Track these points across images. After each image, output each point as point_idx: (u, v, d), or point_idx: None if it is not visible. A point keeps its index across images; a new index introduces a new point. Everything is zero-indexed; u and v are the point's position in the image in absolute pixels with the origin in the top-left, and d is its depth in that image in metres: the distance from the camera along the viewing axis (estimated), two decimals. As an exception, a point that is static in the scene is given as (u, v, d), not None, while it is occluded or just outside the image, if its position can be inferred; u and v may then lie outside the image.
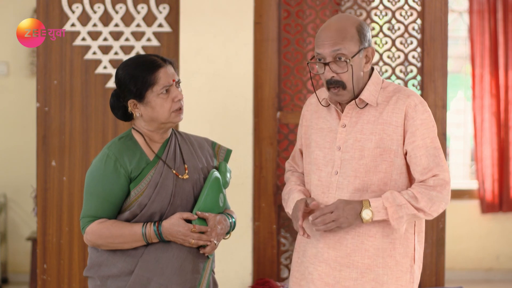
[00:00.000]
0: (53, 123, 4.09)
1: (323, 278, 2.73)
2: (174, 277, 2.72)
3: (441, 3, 4.03)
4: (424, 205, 2.64)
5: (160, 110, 2.72)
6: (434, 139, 2.69)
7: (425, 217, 2.69)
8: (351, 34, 2.64)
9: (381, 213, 2.62)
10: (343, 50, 2.63)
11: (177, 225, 2.70)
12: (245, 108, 3.94)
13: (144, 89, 2.71)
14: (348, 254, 2.70)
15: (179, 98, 2.74)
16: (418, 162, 2.67)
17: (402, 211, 2.62)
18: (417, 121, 2.67)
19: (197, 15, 3.92)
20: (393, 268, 2.70)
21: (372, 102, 2.70)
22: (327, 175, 2.74)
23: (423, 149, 2.67)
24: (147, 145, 2.78)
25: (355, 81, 2.67)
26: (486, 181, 6.68)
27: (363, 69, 2.69)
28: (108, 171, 2.71)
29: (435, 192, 2.65)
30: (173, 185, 2.75)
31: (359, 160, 2.69)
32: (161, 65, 2.73)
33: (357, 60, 2.66)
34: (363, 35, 2.66)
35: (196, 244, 2.72)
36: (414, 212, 2.63)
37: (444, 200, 2.68)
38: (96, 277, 2.78)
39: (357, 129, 2.71)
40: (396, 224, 2.64)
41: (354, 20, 2.68)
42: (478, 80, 6.67)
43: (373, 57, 2.70)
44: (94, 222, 2.73)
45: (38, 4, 4.09)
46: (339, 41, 2.63)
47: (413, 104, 2.68)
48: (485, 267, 6.77)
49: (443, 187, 2.68)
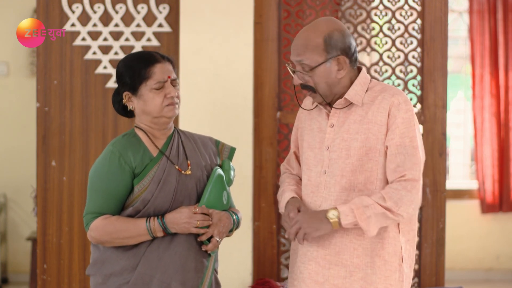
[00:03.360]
0: (53, 123, 4.09)
1: (313, 276, 2.75)
2: (176, 275, 2.72)
3: (441, 3, 4.03)
4: (391, 204, 2.63)
5: (151, 104, 2.74)
6: (413, 138, 2.69)
7: (396, 218, 2.66)
8: (314, 45, 2.68)
9: (349, 216, 2.64)
10: (305, 61, 2.69)
11: (179, 211, 2.72)
12: (245, 108, 3.94)
13: (138, 82, 2.74)
14: (337, 252, 2.73)
15: (172, 95, 2.74)
16: (393, 160, 2.68)
17: (369, 211, 2.63)
18: (399, 119, 2.68)
19: (197, 15, 3.92)
20: (381, 267, 2.72)
21: (357, 102, 2.73)
22: (317, 175, 2.77)
23: (401, 147, 2.67)
24: (150, 141, 2.79)
25: (325, 86, 2.71)
26: (486, 181, 6.68)
27: (336, 75, 2.71)
28: (112, 167, 2.72)
29: (404, 192, 2.64)
30: (176, 181, 2.76)
31: (346, 160, 2.71)
32: (158, 60, 2.75)
33: (321, 69, 2.69)
34: (331, 45, 2.68)
35: (202, 224, 2.72)
36: (382, 211, 2.63)
37: (414, 200, 2.66)
38: (98, 274, 2.78)
39: (344, 129, 2.74)
40: (365, 225, 2.64)
41: (324, 30, 2.70)
42: (478, 80, 6.67)
43: (346, 64, 2.71)
44: (98, 218, 2.73)
45: (38, 4, 4.09)
46: (301, 51, 2.70)
47: (397, 102, 2.69)
48: (485, 267, 6.77)
49: (413, 186, 2.66)
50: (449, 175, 6.88)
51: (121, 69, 2.79)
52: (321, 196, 2.74)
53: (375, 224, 2.65)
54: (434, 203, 4.02)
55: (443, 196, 4.01)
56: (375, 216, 2.63)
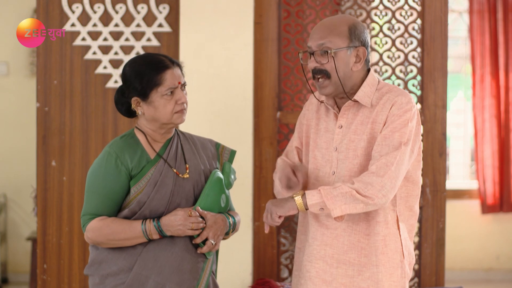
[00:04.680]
0: (53, 123, 4.09)
1: (321, 275, 2.76)
2: (172, 276, 2.72)
3: (441, 3, 4.03)
4: (359, 186, 2.61)
5: (162, 111, 2.73)
6: (403, 135, 2.67)
7: (365, 200, 2.61)
8: (340, 30, 2.70)
9: (315, 197, 2.62)
10: (328, 44, 2.69)
11: (174, 214, 2.72)
12: (245, 108, 3.94)
13: (148, 88, 2.72)
14: (345, 251, 2.74)
15: (182, 101, 2.74)
16: (376, 149, 2.67)
17: (336, 191, 2.61)
18: (395, 116, 2.69)
19: (197, 15, 3.92)
20: (386, 264, 2.73)
21: (366, 103, 2.73)
22: (325, 175, 2.78)
23: (387, 139, 2.66)
24: (148, 143, 2.79)
25: (340, 74, 2.70)
26: (486, 181, 6.68)
27: (352, 67, 2.72)
28: (109, 168, 2.72)
29: (375, 176, 2.62)
30: (172, 184, 2.75)
31: (353, 160, 2.72)
32: (169, 66, 2.73)
33: (342, 55, 2.69)
34: (355, 34, 2.70)
35: (197, 227, 2.72)
36: (349, 190, 2.60)
37: (385, 186, 2.62)
38: (95, 274, 2.78)
39: (351, 130, 2.74)
40: (331, 204, 2.60)
41: (349, 20, 2.73)
42: (479, 80, 6.67)
43: (364, 57, 2.72)
44: (95, 220, 2.74)
45: (38, 4, 4.09)
46: (325, 35, 2.70)
47: (399, 102, 2.70)
48: (485, 267, 6.77)
49: (385, 171, 2.62)
50: (449, 175, 6.88)
51: (130, 74, 2.75)
52: None
53: (342, 205, 2.61)
54: (434, 203, 4.02)
55: (443, 196, 4.01)
56: (342, 195, 2.61)
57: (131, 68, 2.76)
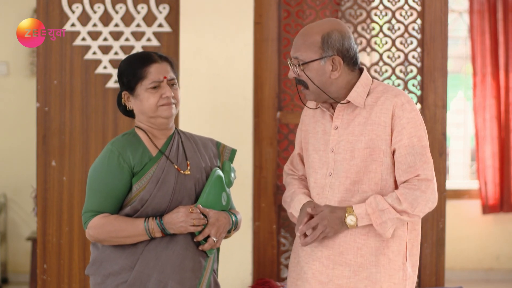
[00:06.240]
0: (53, 123, 4.09)
1: (317, 276, 2.76)
2: (173, 275, 2.72)
3: (441, 3, 4.03)
4: (407, 206, 2.66)
5: (146, 104, 2.75)
6: (421, 137, 2.72)
7: (411, 219, 2.70)
8: (311, 41, 2.71)
9: (364, 219, 2.68)
10: (300, 56, 2.73)
11: (176, 211, 2.72)
12: (245, 108, 3.94)
13: (133, 82, 2.76)
14: (341, 252, 2.73)
15: (167, 95, 2.75)
16: (403, 161, 2.70)
17: (385, 216, 2.66)
18: (404, 120, 2.70)
19: (197, 15, 3.92)
20: (385, 266, 2.73)
21: (359, 104, 2.74)
22: (322, 177, 2.78)
23: (410, 147, 2.69)
24: (150, 141, 2.80)
25: (317, 83, 2.72)
26: (487, 181, 6.68)
27: (330, 75, 2.72)
28: (111, 166, 2.73)
29: (419, 192, 2.67)
30: (174, 181, 2.76)
31: (350, 161, 2.73)
32: (155, 60, 2.77)
33: (315, 66, 2.71)
34: (328, 44, 2.70)
35: (198, 223, 2.73)
36: (397, 216, 2.67)
37: (430, 200, 2.69)
38: (97, 274, 2.78)
39: (348, 131, 2.75)
40: (381, 229, 2.68)
41: (325, 28, 2.72)
42: (479, 80, 6.67)
43: (340, 66, 2.71)
44: (97, 217, 2.74)
45: (38, 4, 4.09)
46: (298, 47, 2.74)
47: (400, 103, 2.71)
48: (485, 267, 6.77)
49: (427, 186, 2.69)
50: (449, 175, 6.88)
51: (121, 69, 2.82)
52: (325, 197, 2.75)
53: (390, 227, 2.68)
54: (434, 203, 4.02)
55: (443, 196, 4.01)
56: (390, 221, 2.67)
57: (122, 64, 2.82)
